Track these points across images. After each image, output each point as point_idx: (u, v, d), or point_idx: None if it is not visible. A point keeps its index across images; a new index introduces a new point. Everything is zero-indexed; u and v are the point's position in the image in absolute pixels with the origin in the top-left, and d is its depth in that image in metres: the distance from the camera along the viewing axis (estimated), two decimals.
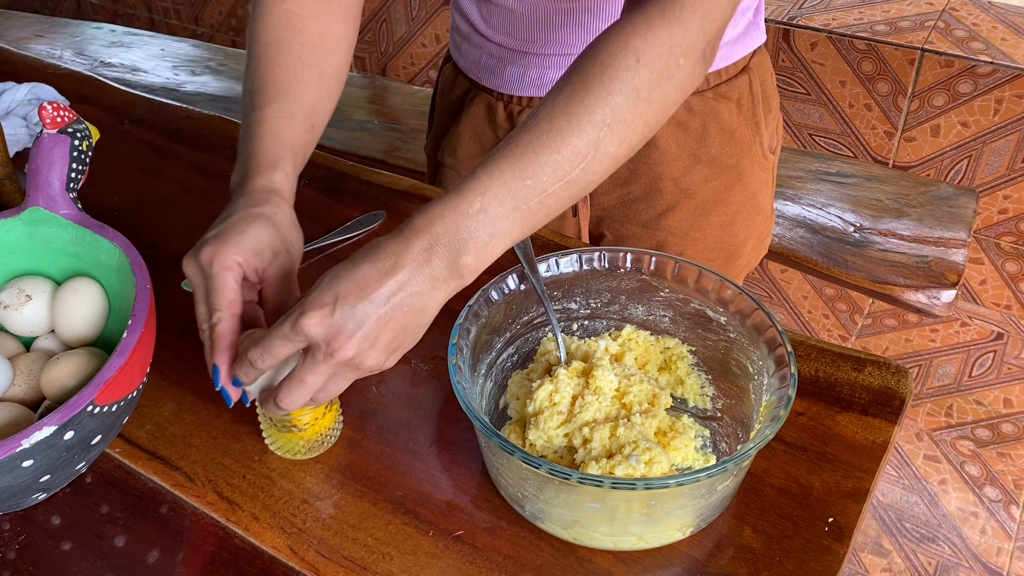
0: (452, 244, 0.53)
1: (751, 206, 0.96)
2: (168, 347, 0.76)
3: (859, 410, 0.69)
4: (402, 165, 1.71)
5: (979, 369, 1.87)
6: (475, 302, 0.64)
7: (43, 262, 0.73)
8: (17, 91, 1.09)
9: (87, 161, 0.73)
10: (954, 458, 1.76)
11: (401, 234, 0.54)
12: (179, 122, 1.07)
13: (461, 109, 0.98)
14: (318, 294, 0.53)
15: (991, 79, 1.63)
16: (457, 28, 0.96)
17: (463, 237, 0.53)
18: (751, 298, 0.64)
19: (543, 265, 0.68)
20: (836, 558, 0.59)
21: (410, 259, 0.53)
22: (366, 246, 0.55)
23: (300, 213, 0.92)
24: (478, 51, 0.92)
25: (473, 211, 0.54)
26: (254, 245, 0.59)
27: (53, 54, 2.14)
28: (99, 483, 0.66)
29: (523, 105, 0.92)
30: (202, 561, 0.61)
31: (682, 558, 0.60)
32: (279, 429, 0.64)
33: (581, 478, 0.52)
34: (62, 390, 0.63)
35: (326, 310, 0.52)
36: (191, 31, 2.77)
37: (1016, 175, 1.71)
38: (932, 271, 1.43)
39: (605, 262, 0.69)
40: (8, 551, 0.62)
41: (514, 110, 0.93)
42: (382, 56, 2.39)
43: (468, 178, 0.55)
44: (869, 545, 1.62)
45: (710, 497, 0.57)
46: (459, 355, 0.61)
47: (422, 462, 0.66)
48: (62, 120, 0.71)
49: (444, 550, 0.60)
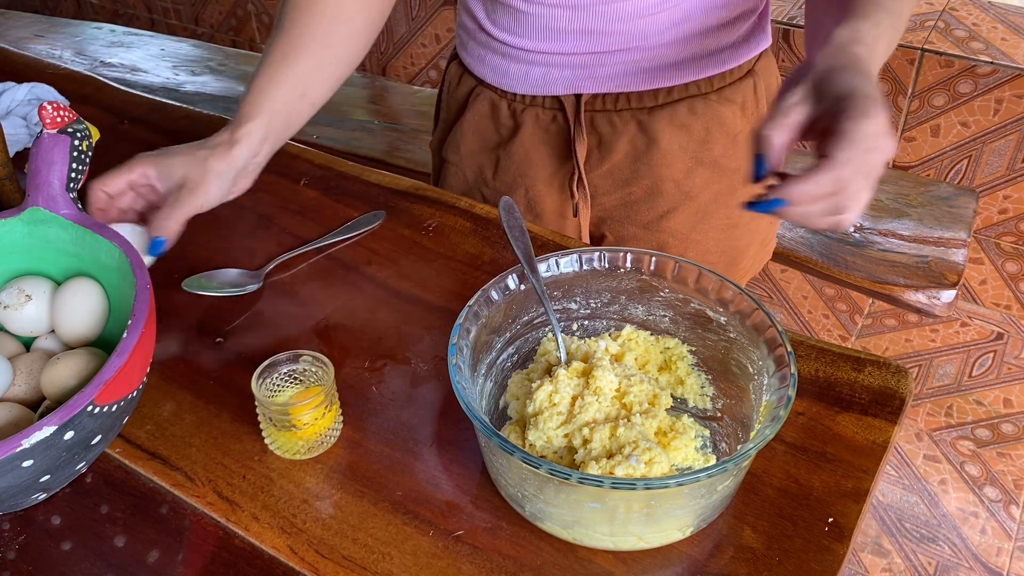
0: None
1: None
2: (168, 347, 0.76)
3: (859, 410, 0.69)
4: (402, 165, 1.71)
5: (979, 369, 1.87)
6: (475, 302, 0.64)
7: (43, 262, 0.73)
8: (17, 91, 1.09)
9: (87, 161, 0.73)
10: (954, 458, 1.76)
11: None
12: (179, 122, 1.08)
13: (465, 106, 0.98)
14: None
15: (991, 79, 1.63)
16: (463, 25, 0.96)
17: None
18: (751, 298, 0.64)
19: (543, 265, 0.68)
20: (836, 558, 0.59)
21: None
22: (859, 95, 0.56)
23: (300, 213, 0.93)
24: (483, 49, 0.93)
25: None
26: (166, 171, 0.75)
27: (53, 54, 2.14)
28: (99, 483, 0.66)
29: (526, 103, 0.92)
30: (202, 561, 0.61)
31: (682, 558, 0.60)
32: (279, 428, 0.64)
33: (581, 478, 0.52)
34: (62, 390, 0.63)
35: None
36: (191, 31, 2.77)
37: (1016, 175, 1.71)
38: (932, 271, 1.43)
39: (605, 262, 0.69)
40: (8, 551, 0.62)
41: (517, 108, 0.93)
42: (382, 56, 2.39)
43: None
44: (869, 545, 1.62)
45: (710, 497, 0.57)
46: (459, 355, 0.61)
47: (422, 462, 0.66)
48: (62, 120, 0.71)
49: (444, 550, 0.60)
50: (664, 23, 0.83)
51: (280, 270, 0.84)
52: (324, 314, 0.79)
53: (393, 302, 0.81)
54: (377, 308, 0.80)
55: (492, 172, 0.97)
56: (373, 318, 0.79)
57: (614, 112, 0.89)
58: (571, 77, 0.88)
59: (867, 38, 0.61)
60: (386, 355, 0.75)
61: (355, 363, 0.75)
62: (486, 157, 0.97)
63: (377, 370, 0.74)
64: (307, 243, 0.87)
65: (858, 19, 0.63)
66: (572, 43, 0.86)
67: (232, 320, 0.79)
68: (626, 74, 0.87)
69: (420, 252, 0.86)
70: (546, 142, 0.93)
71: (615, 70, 0.87)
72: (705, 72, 0.87)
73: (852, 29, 0.62)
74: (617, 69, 0.87)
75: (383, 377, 0.73)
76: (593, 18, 0.83)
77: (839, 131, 0.55)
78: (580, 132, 0.90)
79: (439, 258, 0.86)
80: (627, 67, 0.86)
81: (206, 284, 0.82)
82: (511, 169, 0.96)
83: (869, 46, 0.61)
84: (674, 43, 0.85)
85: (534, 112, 0.92)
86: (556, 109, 0.91)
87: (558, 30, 0.85)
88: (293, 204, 0.93)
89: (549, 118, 0.92)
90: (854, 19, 0.63)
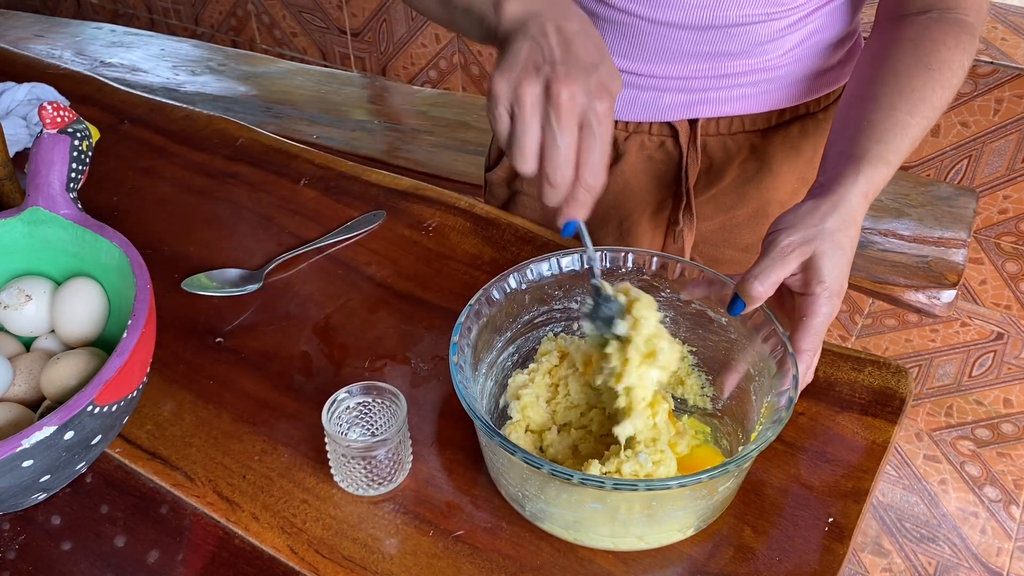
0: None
1: None
2: (168, 347, 0.76)
3: (859, 410, 0.69)
4: (402, 165, 1.71)
5: (979, 369, 1.87)
6: (476, 301, 0.64)
7: (43, 262, 0.73)
8: (17, 91, 1.09)
9: (87, 161, 0.73)
10: (954, 458, 1.76)
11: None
12: (179, 122, 1.07)
13: None
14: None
15: (991, 79, 1.63)
16: None
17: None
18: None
19: (544, 264, 0.68)
20: (836, 558, 0.59)
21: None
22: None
23: (300, 213, 0.93)
24: None
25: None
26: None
27: (53, 54, 2.13)
28: (99, 483, 0.66)
29: (630, 131, 0.87)
30: (202, 561, 0.61)
31: (682, 558, 0.60)
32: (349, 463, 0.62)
33: (583, 479, 0.52)
34: (62, 390, 0.63)
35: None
36: (191, 31, 2.77)
37: (1016, 175, 1.71)
38: (932, 271, 1.43)
39: (607, 262, 0.69)
40: (8, 551, 0.62)
41: (620, 136, 0.87)
42: (382, 56, 2.39)
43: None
44: (869, 545, 1.62)
45: (711, 498, 0.57)
46: (460, 354, 0.61)
47: (422, 462, 0.66)
48: (62, 120, 0.71)
49: (444, 550, 0.60)
50: (789, 44, 0.80)
51: (280, 270, 0.84)
52: (324, 314, 0.79)
53: (393, 302, 0.81)
54: (377, 308, 0.80)
55: None
56: (373, 318, 0.79)
57: (728, 136, 0.86)
58: (687, 101, 0.84)
59: (880, 182, 0.65)
60: (386, 355, 0.75)
61: (355, 363, 0.75)
62: None
63: (377, 370, 0.74)
64: (307, 243, 0.87)
65: (877, 153, 0.66)
66: (692, 67, 0.81)
67: (232, 320, 0.79)
68: (744, 97, 0.84)
69: (420, 252, 0.86)
70: (648, 171, 0.89)
71: (733, 93, 0.83)
72: (817, 92, 0.85)
73: (867, 178, 0.64)
74: (735, 92, 0.83)
75: (383, 377, 0.73)
76: (723, 40, 0.78)
77: (803, 324, 0.61)
78: (694, 159, 0.86)
79: (439, 258, 0.86)
80: (746, 90, 0.83)
81: (206, 284, 0.82)
82: (606, 201, 0.90)
83: (876, 190, 0.65)
84: (793, 64, 0.82)
85: (639, 139, 0.87)
86: (665, 135, 0.86)
87: (679, 52, 0.80)
88: (293, 204, 0.93)
89: (656, 145, 0.87)
90: (873, 158, 0.65)
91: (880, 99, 0.68)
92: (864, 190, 0.64)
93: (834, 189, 0.63)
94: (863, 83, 0.72)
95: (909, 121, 0.67)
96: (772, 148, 0.87)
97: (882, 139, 0.66)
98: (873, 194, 0.65)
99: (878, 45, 0.74)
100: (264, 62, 2.12)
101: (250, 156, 1.00)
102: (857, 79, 0.73)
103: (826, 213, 0.62)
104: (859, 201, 0.63)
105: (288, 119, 1.87)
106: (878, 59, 0.72)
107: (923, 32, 0.71)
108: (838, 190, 0.63)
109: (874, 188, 0.65)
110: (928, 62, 0.69)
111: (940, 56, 0.69)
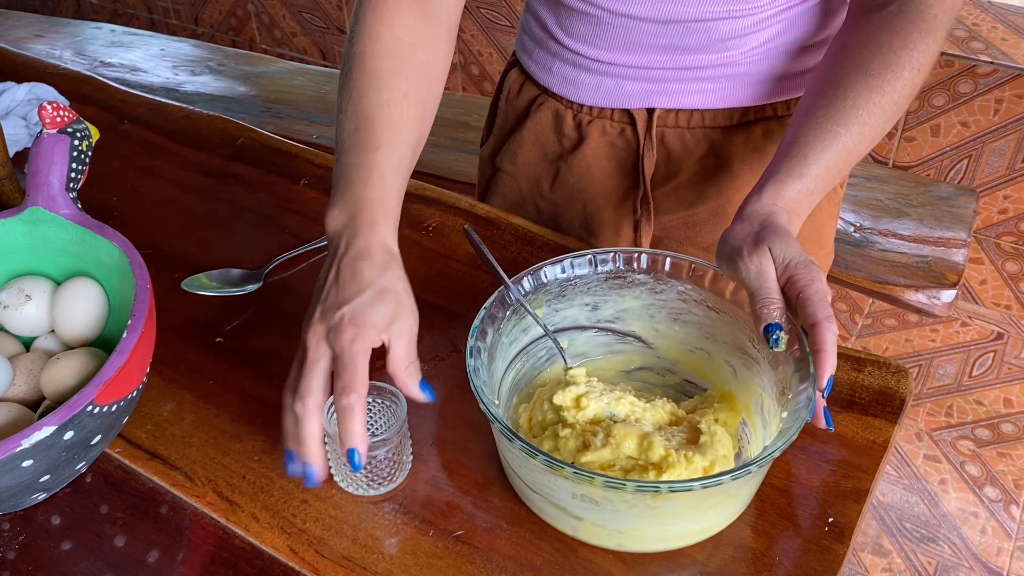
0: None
1: (815, 240, 0.93)
2: (168, 347, 0.76)
3: (859, 410, 0.69)
4: None
5: (979, 369, 1.87)
6: (491, 304, 0.64)
7: (43, 262, 0.73)
8: (17, 91, 1.09)
9: (87, 161, 0.73)
10: (954, 458, 1.76)
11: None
12: (179, 122, 1.07)
13: (526, 115, 0.94)
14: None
15: (991, 79, 1.63)
16: (529, 32, 0.91)
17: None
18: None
19: (556, 267, 0.68)
20: (836, 558, 0.59)
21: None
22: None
23: (300, 213, 0.93)
24: (551, 57, 0.89)
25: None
26: (388, 323, 0.61)
27: (53, 54, 2.13)
28: (99, 483, 0.66)
29: (593, 115, 0.88)
30: (202, 561, 0.61)
31: (682, 558, 0.60)
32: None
33: (639, 486, 0.52)
34: (62, 390, 0.63)
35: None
36: (191, 31, 2.77)
37: (1016, 175, 1.71)
38: (932, 271, 1.43)
39: (620, 262, 0.69)
40: (8, 551, 0.62)
41: (583, 120, 0.89)
42: None
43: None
44: (869, 545, 1.62)
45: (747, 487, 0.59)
46: (476, 357, 0.61)
47: (422, 462, 0.66)
48: (62, 120, 0.71)
49: (444, 550, 0.60)
50: (752, 43, 0.80)
51: (280, 270, 0.84)
52: None
53: None
54: None
55: (549, 184, 0.94)
56: None
57: (687, 129, 0.87)
58: (646, 91, 0.85)
59: (796, 195, 0.67)
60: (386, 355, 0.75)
61: None
62: (544, 168, 0.94)
63: (377, 370, 0.74)
64: (307, 243, 0.87)
65: (812, 155, 0.67)
66: (654, 58, 0.82)
67: (232, 320, 0.79)
68: (704, 92, 0.84)
69: (420, 252, 0.86)
70: (610, 156, 0.90)
71: (693, 87, 0.84)
72: (784, 95, 0.85)
73: (774, 193, 0.66)
74: (696, 86, 0.84)
75: (383, 377, 0.73)
76: (683, 35, 0.79)
77: (807, 297, 0.61)
78: (650, 148, 0.87)
79: (439, 258, 0.86)
80: (705, 84, 0.84)
81: (206, 284, 0.82)
82: (570, 182, 0.92)
83: (796, 203, 0.67)
84: (756, 63, 0.82)
85: (601, 124, 0.89)
86: (625, 123, 0.88)
87: (642, 44, 0.81)
88: (293, 204, 0.93)
89: (616, 131, 0.89)
90: (803, 165, 0.67)
91: (814, 111, 0.70)
92: (783, 205, 0.66)
93: (756, 207, 0.66)
94: (807, 92, 0.74)
95: (839, 131, 0.68)
96: (732, 147, 0.87)
97: (798, 154, 0.67)
98: (795, 207, 0.66)
99: (831, 51, 0.75)
100: (264, 62, 2.12)
101: (250, 156, 1.00)
102: (808, 87, 0.75)
103: (755, 223, 0.65)
104: (784, 216, 0.65)
105: (288, 119, 1.86)
106: (823, 68, 0.74)
107: (873, 34, 0.71)
108: (757, 206, 0.66)
109: (792, 202, 0.66)
110: (868, 67, 0.69)
111: (882, 60, 0.69)
